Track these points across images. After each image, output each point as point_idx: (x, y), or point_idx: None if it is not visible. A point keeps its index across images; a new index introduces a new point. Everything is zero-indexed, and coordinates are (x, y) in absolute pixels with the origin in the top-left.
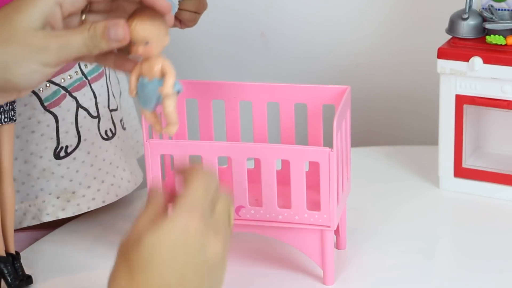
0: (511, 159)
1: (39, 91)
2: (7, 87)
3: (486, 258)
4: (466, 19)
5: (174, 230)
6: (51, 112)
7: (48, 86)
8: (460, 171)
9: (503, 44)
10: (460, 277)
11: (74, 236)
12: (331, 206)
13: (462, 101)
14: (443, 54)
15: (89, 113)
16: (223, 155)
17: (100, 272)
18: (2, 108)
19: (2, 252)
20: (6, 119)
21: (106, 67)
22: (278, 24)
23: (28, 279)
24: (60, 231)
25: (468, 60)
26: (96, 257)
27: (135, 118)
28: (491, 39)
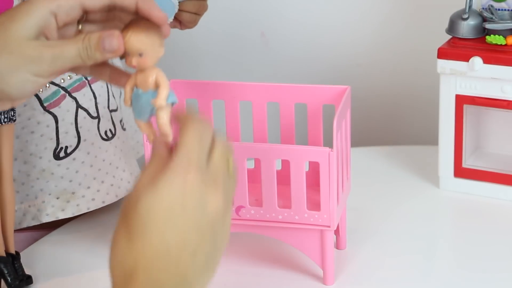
0: (511, 159)
1: (39, 91)
2: None
3: (486, 258)
4: (466, 19)
5: (170, 190)
6: (50, 113)
7: (48, 87)
8: (460, 171)
9: (503, 44)
10: (460, 277)
11: (73, 236)
12: (331, 206)
13: (462, 101)
14: (443, 54)
15: (89, 113)
16: None
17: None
18: None
19: (2, 252)
20: (5, 119)
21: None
22: (278, 24)
23: (28, 279)
24: (59, 231)
25: (468, 60)
26: (96, 257)
27: None
28: (491, 39)
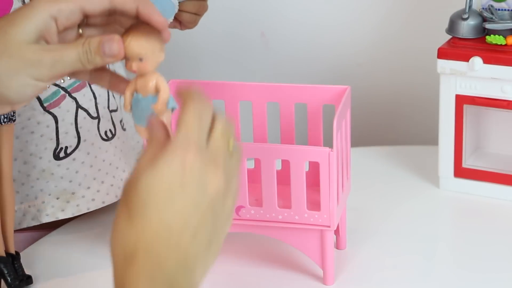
0: (511, 159)
1: None
2: None
3: (486, 258)
4: (466, 19)
5: (169, 169)
6: (50, 113)
7: (48, 87)
8: (460, 171)
9: (503, 44)
10: (460, 277)
11: (73, 237)
12: (331, 206)
13: (462, 101)
14: (443, 54)
15: (89, 113)
16: None
17: (100, 272)
18: None
19: (2, 253)
20: (5, 119)
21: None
22: (278, 24)
23: (28, 279)
24: (59, 232)
25: (468, 60)
26: (96, 257)
27: None
28: (491, 39)
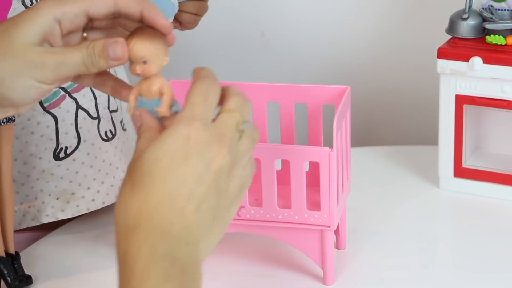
0: (511, 159)
1: None
2: (2, 102)
3: (486, 258)
4: (466, 19)
5: (173, 141)
6: (50, 113)
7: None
8: (460, 171)
9: (503, 44)
10: (460, 277)
11: (73, 237)
12: (331, 206)
13: (462, 101)
14: (443, 54)
15: (89, 114)
16: None
17: (100, 272)
18: None
19: (2, 253)
20: (5, 120)
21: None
22: (278, 24)
23: (28, 279)
24: (59, 232)
25: (468, 60)
26: (96, 257)
27: None
28: (491, 39)
